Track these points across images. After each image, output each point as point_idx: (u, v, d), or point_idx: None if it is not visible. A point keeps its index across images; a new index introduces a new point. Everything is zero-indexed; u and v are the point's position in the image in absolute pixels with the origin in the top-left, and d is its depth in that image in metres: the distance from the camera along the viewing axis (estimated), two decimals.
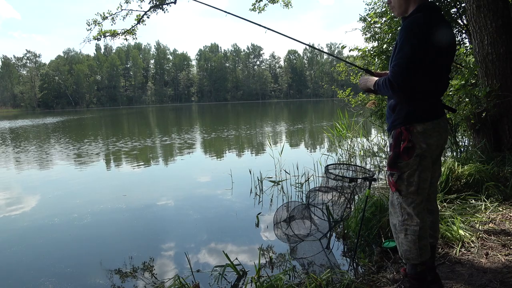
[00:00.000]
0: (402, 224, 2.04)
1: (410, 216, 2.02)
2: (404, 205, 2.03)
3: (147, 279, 3.20)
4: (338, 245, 3.66)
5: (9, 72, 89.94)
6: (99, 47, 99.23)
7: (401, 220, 2.05)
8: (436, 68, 1.93)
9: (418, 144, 1.95)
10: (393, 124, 2.02)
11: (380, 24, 7.14)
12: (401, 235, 2.05)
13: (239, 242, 4.00)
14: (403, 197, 2.02)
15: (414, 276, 2.09)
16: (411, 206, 2.01)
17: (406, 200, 2.02)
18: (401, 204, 2.04)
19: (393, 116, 2.03)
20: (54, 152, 11.80)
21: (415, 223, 2.00)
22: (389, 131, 2.09)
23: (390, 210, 2.15)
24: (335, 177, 3.33)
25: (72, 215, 5.09)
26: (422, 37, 1.81)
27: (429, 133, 1.96)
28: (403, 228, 2.04)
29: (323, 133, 12.07)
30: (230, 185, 6.25)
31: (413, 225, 2.01)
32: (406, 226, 2.03)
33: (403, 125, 1.97)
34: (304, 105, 56.38)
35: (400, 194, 2.02)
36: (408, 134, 1.95)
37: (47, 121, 32.22)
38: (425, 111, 1.96)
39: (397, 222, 2.08)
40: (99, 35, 9.95)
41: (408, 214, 2.02)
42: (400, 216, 2.06)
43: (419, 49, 1.81)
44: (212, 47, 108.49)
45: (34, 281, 3.28)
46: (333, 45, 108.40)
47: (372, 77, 2.16)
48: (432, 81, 1.94)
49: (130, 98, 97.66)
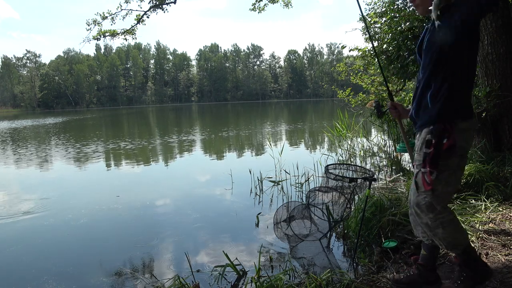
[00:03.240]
0: (435, 219, 1.98)
1: (439, 211, 1.97)
2: (434, 204, 1.96)
3: (147, 279, 3.19)
4: (338, 245, 3.66)
5: (9, 72, 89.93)
6: (99, 47, 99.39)
7: (432, 217, 1.98)
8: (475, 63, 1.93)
9: (459, 143, 1.88)
10: (432, 119, 1.92)
11: (380, 24, 7.14)
12: (438, 230, 2.00)
13: (239, 242, 4.00)
14: (435, 197, 1.94)
15: (469, 259, 2.07)
16: (440, 205, 1.96)
17: (437, 199, 1.95)
18: (431, 203, 1.96)
19: (433, 109, 1.92)
20: (55, 152, 11.80)
21: (447, 213, 1.98)
22: (425, 125, 1.97)
23: (415, 211, 2.05)
24: (335, 177, 3.33)
25: (71, 215, 5.09)
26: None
27: (469, 132, 1.92)
28: (438, 223, 1.98)
29: (323, 133, 12.06)
30: (230, 185, 6.24)
31: (446, 216, 1.98)
32: (440, 220, 1.98)
33: (447, 120, 1.88)
34: (304, 105, 56.36)
35: (433, 193, 1.94)
36: (452, 131, 1.87)
37: (48, 121, 32.20)
38: (467, 108, 1.92)
39: (429, 220, 2.00)
40: (98, 35, 9.94)
41: (438, 210, 1.97)
42: (430, 213, 1.99)
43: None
44: (212, 47, 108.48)
45: (34, 281, 3.28)
46: (333, 45, 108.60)
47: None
48: (473, 75, 1.93)
49: (130, 98, 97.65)
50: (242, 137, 14.42)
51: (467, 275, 2.09)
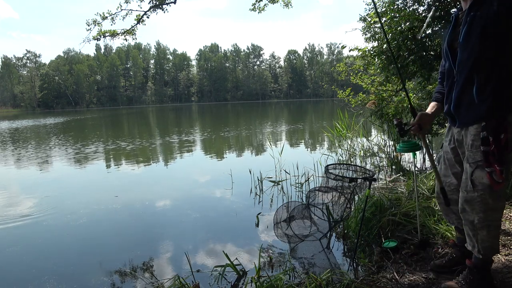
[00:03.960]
0: (484, 220, 1.95)
1: (493, 211, 1.95)
2: (490, 200, 1.92)
3: (146, 279, 3.19)
4: (338, 245, 3.66)
5: (9, 72, 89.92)
6: (99, 47, 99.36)
7: (482, 217, 1.94)
8: None
9: (511, 136, 1.84)
10: (482, 115, 1.87)
11: (380, 24, 7.13)
12: (482, 232, 1.96)
13: (239, 242, 4.00)
14: (493, 192, 1.90)
15: (483, 266, 2.06)
16: (497, 201, 1.93)
17: (494, 194, 1.91)
18: (487, 200, 1.92)
19: (483, 105, 1.87)
20: (55, 152, 11.80)
21: (498, 217, 1.95)
22: (473, 122, 1.93)
23: (465, 207, 2.03)
24: (335, 177, 3.33)
25: (71, 215, 5.09)
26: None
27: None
28: (485, 225, 1.95)
29: (323, 133, 12.05)
30: (230, 185, 6.24)
31: (495, 220, 1.96)
32: (488, 222, 1.94)
33: (501, 115, 1.84)
34: (304, 105, 56.35)
35: (491, 189, 1.90)
36: (507, 125, 1.83)
37: (48, 121, 32.19)
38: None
39: (477, 218, 1.96)
40: (98, 35, 9.92)
41: (492, 209, 1.94)
42: (481, 212, 1.94)
43: None
44: (212, 47, 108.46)
45: (34, 281, 3.28)
46: (333, 45, 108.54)
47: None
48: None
49: (130, 98, 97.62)
50: (242, 137, 14.42)
51: (474, 279, 2.08)
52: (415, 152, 2.90)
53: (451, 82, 2.05)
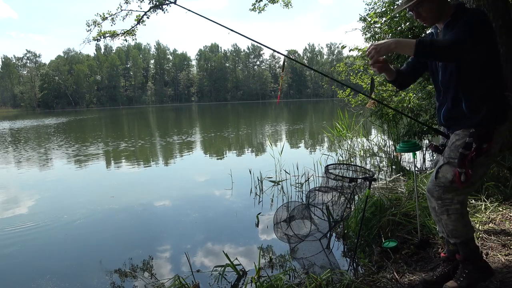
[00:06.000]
0: (441, 206, 2.07)
1: (450, 200, 2.05)
2: (446, 193, 2.04)
3: (146, 279, 3.19)
4: (338, 245, 3.66)
5: (9, 72, 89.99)
6: (99, 47, 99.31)
7: (440, 203, 2.07)
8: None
9: (494, 145, 1.95)
10: (473, 124, 1.93)
11: (380, 24, 7.14)
12: (443, 216, 2.08)
13: (239, 242, 4.00)
14: (452, 187, 2.02)
15: (470, 255, 2.11)
16: (454, 194, 2.04)
17: (451, 188, 2.02)
18: (444, 191, 2.04)
19: (475, 118, 1.92)
20: (55, 152, 11.80)
21: (455, 204, 2.04)
22: (463, 127, 1.99)
23: (428, 196, 2.16)
24: (335, 177, 3.33)
25: (71, 215, 5.09)
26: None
27: (505, 133, 1.98)
28: (444, 209, 2.06)
29: (323, 133, 12.06)
30: (230, 185, 6.24)
31: (453, 205, 2.04)
32: (446, 206, 2.05)
33: (489, 126, 1.91)
34: (304, 105, 56.35)
35: (451, 185, 2.01)
36: (493, 135, 1.92)
37: (50, 122, 32.17)
38: (504, 111, 1.94)
39: (436, 205, 2.09)
40: (98, 36, 9.91)
41: (449, 198, 2.05)
42: (439, 199, 2.07)
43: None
44: (212, 47, 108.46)
45: (34, 281, 3.28)
46: (333, 45, 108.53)
47: (394, 39, 1.97)
48: (501, 76, 1.97)
49: (130, 98, 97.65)
50: (242, 137, 14.42)
51: (469, 271, 2.12)
52: (415, 152, 2.90)
53: (438, 98, 2.13)
